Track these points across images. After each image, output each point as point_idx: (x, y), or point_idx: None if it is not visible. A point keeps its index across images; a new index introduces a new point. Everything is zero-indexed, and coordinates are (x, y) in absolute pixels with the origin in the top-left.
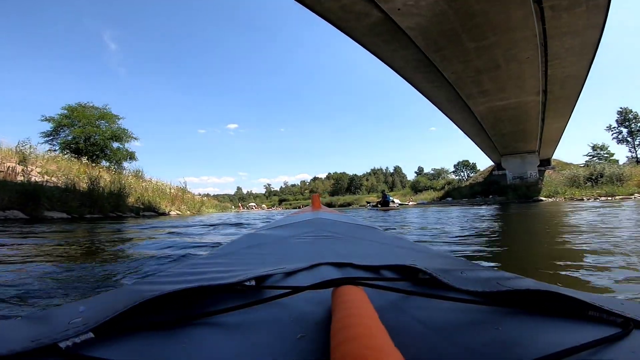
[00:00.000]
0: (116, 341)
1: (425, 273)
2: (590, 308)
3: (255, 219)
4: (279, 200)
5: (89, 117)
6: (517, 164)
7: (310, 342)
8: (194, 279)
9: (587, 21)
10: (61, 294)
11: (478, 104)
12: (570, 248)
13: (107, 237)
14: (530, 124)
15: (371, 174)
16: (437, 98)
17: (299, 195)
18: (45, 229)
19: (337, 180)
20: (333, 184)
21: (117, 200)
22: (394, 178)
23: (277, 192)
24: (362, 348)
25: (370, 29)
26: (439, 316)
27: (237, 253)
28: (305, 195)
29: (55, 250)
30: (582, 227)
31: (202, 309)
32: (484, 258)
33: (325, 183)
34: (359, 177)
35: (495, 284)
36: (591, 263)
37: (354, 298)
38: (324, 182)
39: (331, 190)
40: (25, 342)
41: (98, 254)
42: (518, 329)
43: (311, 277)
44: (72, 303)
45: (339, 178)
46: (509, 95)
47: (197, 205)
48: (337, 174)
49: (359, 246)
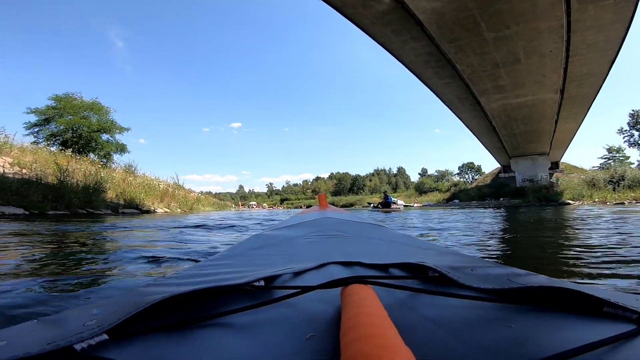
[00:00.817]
0: (129, 343)
1: (434, 271)
2: (605, 304)
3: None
4: (280, 200)
5: (76, 108)
6: (527, 166)
7: (320, 342)
8: (203, 280)
9: (613, 15)
10: None
11: (492, 101)
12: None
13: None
14: (545, 124)
15: (374, 174)
16: (446, 95)
17: (300, 195)
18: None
19: (339, 180)
20: (335, 184)
21: (90, 195)
22: (397, 179)
23: (279, 191)
24: (372, 347)
25: (379, 18)
26: (449, 314)
27: (245, 254)
28: (307, 195)
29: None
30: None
31: (213, 310)
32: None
33: (328, 183)
34: (362, 177)
35: (506, 280)
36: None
37: (363, 297)
38: (327, 182)
39: (334, 191)
40: (41, 344)
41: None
42: (530, 326)
43: (320, 277)
44: (87, 306)
45: (342, 178)
46: (526, 92)
47: (190, 203)
48: (340, 174)
49: (367, 245)
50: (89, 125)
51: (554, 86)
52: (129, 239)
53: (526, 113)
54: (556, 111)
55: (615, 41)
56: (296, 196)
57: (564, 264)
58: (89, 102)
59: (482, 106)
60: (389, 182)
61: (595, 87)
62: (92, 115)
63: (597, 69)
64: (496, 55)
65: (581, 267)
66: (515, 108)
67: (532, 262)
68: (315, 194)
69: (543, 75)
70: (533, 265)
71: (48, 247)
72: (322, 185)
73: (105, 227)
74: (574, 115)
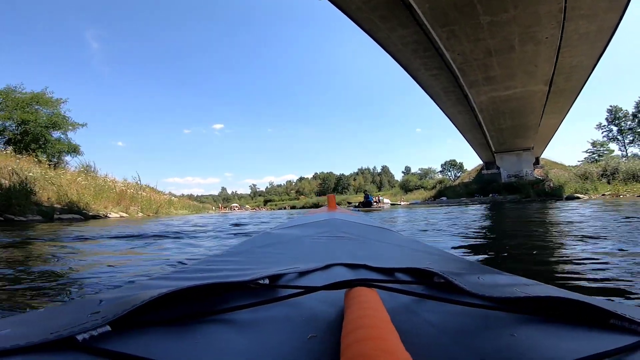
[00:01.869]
0: (132, 335)
1: (440, 277)
2: (612, 316)
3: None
4: (264, 201)
5: (18, 101)
6: (513, 162)
7: (321, 342)
8: (209, 275)
9: (609, 3)
10: None
11: (481, 94)
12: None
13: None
14: (532, 119)
15: (359, 173)
16: (433, 88)
17: (284, 196)
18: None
19: (324, 180)
20: (320, 184)
21: (10, 198)
22: (382, 178)
23: (262, 192)
24: (373, 350)
25: (366, 2)
26: (452, 320)
27: (251, 251)
28: (291, 196)
29: None
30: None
31: (216, 306)
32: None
33: (312, 183)
34: (346, 177)
35: (512, 289)
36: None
37: (366, 300)
38: (311, 182)
39: (318, 191)
40: (44, 334)
41: None
42: (534, 336)
43: (325, 278)
44: (91, 296)
45: (326, 178)
46: (516, 84)
47: (155, 206)
48: (324, 173)
49: (374, 248)
50: (35, 119)
51: (545, 77)
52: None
53: (514, 106)
54: (543, 104)
55: (606, 31)
56: (280, 197)
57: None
58: (30, 94)
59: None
60: (374, 181)
61: (581, 81)
62: (44, 110)
63: (585, 61)
64: (490, 42)
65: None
66: (505, 101)
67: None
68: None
69: (535, 65)
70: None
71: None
72: (306, 186)
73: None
74: (559, 109)
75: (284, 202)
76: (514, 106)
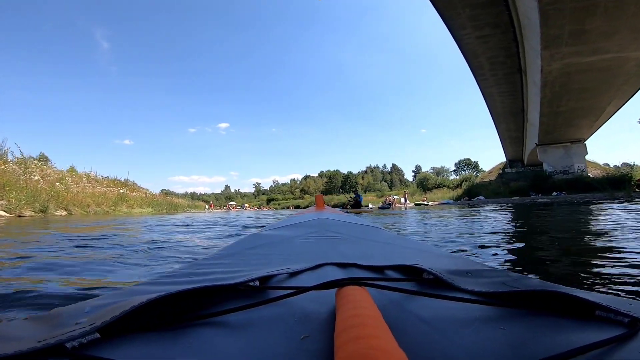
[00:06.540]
0: (122, 341)
1: (429, 273)
2: (598, 308)
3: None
4: (267, 200)
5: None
6: (560, 156)
7: (315, 343)
8: (198, 279)
9: None
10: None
11: (556, 59)
12: None
13: None
14: (603, 100)
15: (367, 172)
16: (477, 58)
17: (288, 195)
18: None
19: (330, 178)
20: (326, 182)
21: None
22: (392, 176)
23: (266, 191)
24: (366, 348)
25: None
26: (443, 316)
27: (241, 253)
28: (296, 195)
29: None
30: None
31: (207, 310)
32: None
33: (318, 181)
34: (354, 175)
35: (501, 284)
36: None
37: (358, 298)
38: (316, 180)
39: (324, 190)
40: (32, 342)
41: None
42: (523, 330)
43: (315, 278)
44: (78, 303)
45: (332, 176)
46: (610, 46)
47: (41, 198)
48: (330, 172)
49: (364, 246)
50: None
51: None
52: None
53: (591, 80)
54: (627, 79)
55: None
56: (284, 196)
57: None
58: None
59: (526, 73)
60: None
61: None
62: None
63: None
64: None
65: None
66: (583, 71)
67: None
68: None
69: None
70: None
71: None
72: (311, 184)
73: None
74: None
75: (288, 201)
76: (591, 79)
